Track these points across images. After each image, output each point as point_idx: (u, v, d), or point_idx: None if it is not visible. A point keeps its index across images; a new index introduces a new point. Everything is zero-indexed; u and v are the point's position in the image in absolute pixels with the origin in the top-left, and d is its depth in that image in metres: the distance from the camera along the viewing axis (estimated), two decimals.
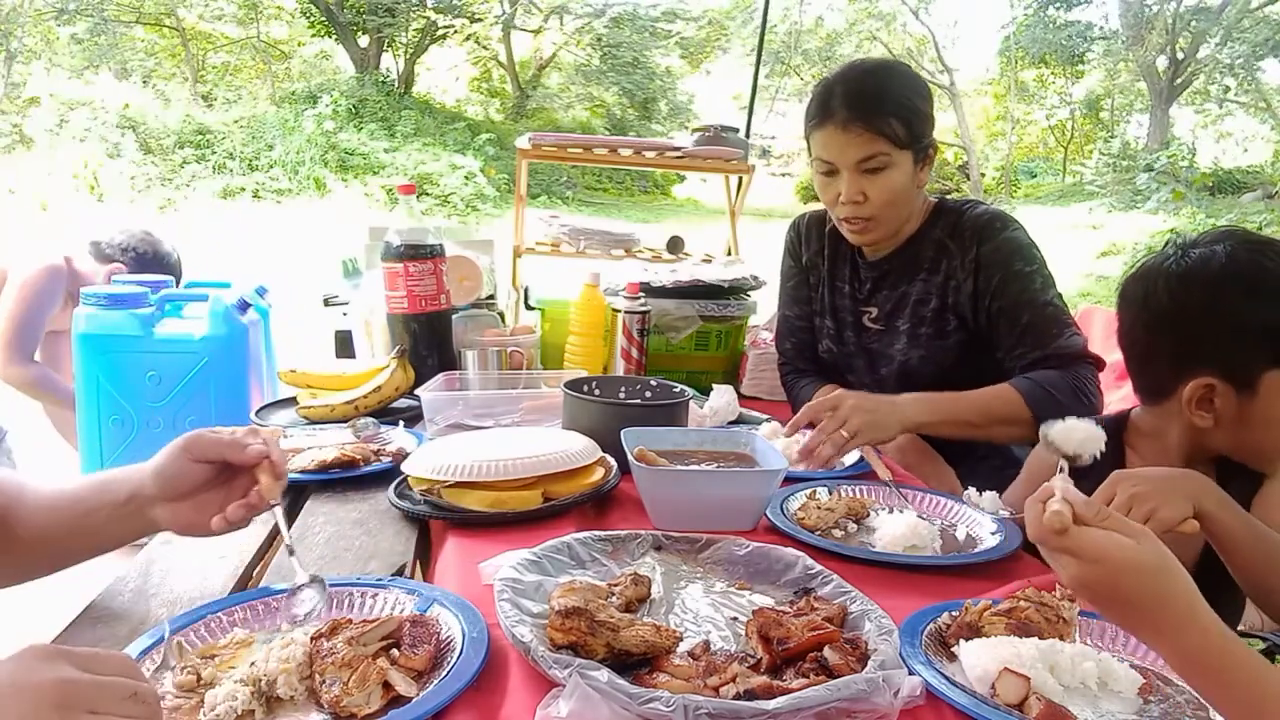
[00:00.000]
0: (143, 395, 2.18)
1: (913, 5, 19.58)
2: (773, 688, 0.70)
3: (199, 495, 0.89)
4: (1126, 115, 19.96)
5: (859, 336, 1.72)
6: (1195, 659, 0.68)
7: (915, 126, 1.48)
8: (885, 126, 1.45)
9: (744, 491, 1.13)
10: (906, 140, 1.47)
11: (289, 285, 3.88)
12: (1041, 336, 1.47)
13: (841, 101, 1.48)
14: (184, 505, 0.89)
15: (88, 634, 0.84)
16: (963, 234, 1.55)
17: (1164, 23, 16.47)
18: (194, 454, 0.88)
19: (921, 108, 1.50)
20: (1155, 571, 0.68)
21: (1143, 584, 0.68)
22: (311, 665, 0.73)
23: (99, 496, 0.89)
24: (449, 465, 1.12)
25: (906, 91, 1.49)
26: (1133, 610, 0.70)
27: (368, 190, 12.54)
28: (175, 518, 0.89)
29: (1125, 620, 0.72)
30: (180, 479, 0.88)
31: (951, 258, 1.56)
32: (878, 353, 1.68)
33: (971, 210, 1.59)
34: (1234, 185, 14.07)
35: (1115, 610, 0.72)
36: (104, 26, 15.33)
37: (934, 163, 1.57)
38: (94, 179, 10.86)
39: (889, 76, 1.51)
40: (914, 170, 1.52)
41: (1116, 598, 0.70)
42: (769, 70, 19.11)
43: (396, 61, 17.61)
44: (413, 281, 1.75)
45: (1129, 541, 0.68)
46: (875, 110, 1.46)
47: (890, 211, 1.54)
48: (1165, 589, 0.68)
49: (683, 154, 2.50)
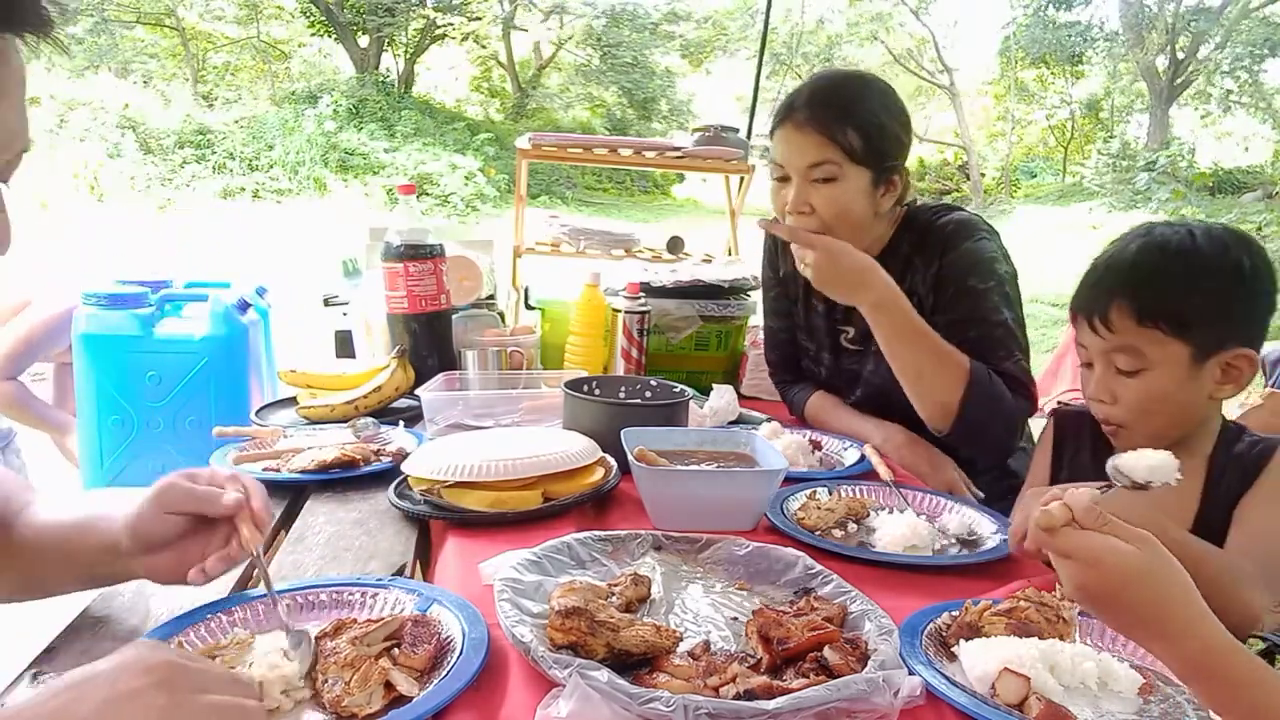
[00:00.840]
0: (143, 395, 2.18)
1: (913, 5, 19.58)
2: (773, 688, 0.70)
3: (177, 545, 0.84)
4: (1126, 115, 19.95)
5: (836, 358, 1.67)
6: (1197, 665, 0.68)
7: (877, 143, 1.41)
8: (840, 135, 1.39)
9: (744, 491, 1.13)
10: (863, 155, 1.41)
11: (289, 285, 3.89)
12: (983, 356, 1.39)
13: (804, 102, 1.43)
14: (162, 557, 0.84)
15: (88, 634, 0.84)
16: (927, 246, 1.49)
17: (1164, 23, 16.47)
18: (166, 506, 0.83)
19: (889, 127, 1.43)
20: (1155, 578, 0.68)
21: (1142, 590, 0.68)
22: (314, 664, 0.73)
23: (82, 538, 0.86)
24: (449, 465, 1.12)
25: (876, 107, 1.43)
26: (1132, 616, 0.69)
27: (368, 190, 12.55)
28: (154, 570, 0.85)
29: (1126, 626, 0.71)
30: (154, 533, 0.83)
31: (915, 271, 1.50)
32: (854, 375, 1.63)
33: (939, 219, 1.52)
34: (1234, 185, 14.07)
35: (1115, 616, 0.71)
36: (104, 26, 15.33)
37: (899, 192, 1.49)
38: (94, 179, 10.86)
39: (863, 87, 1.46)
40: (871, 191, 1.45)
41: (1116, 603, 0.69)
42: (769, 71, 19.12)
43: (396, 61, 17.62)
44: (413, 281, 1.75)
45: (1128, 547, 0.68)
46: (834, 117, 1.40)
47: (838, 226, 1.44)
48: (1165, 595, 0.68)
49: (683, 154, 2.50)
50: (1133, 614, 0.69)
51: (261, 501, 0.86)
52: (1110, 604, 0.70)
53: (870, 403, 1.59)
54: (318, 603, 0.87)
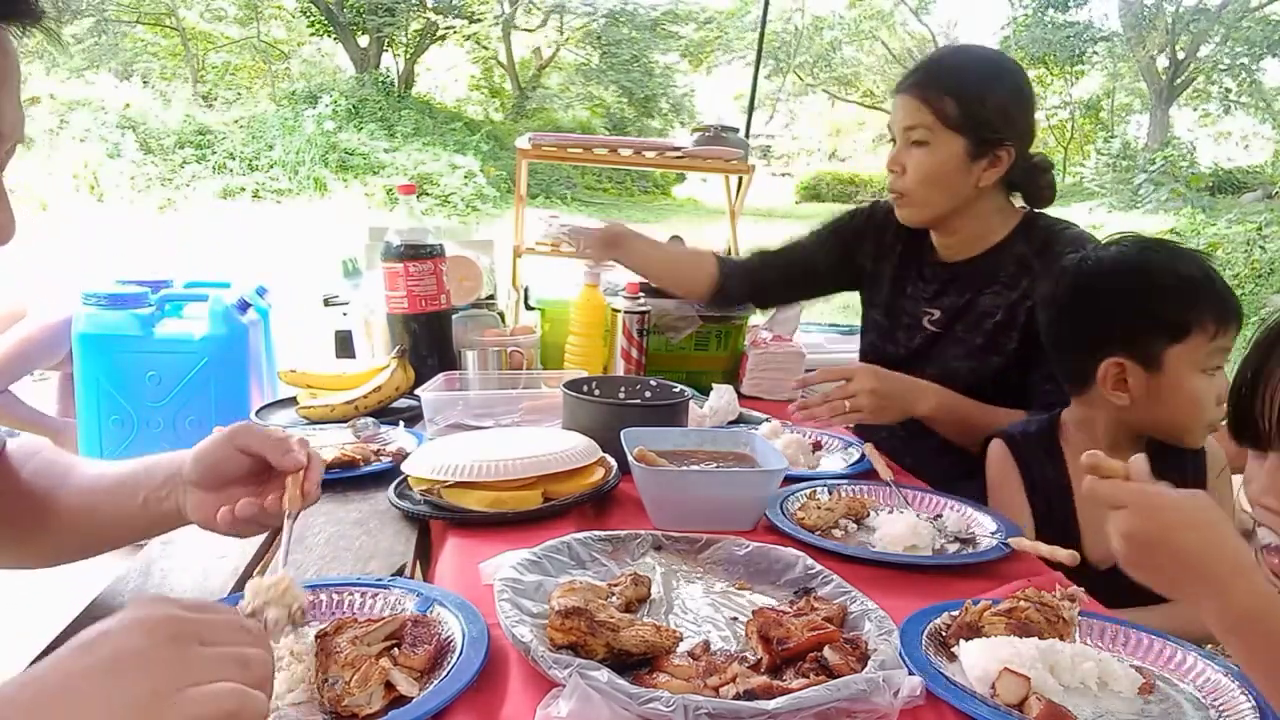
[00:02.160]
0: (143, 395, 2.18)
1: (913, 5, 19.58)
2: (773, 688, 0.70)
3: (230, 489, 0.86)
4: (1126, 115, 19.96)
5: (911, 338, 1.65)
6: (1241, 614, 0.69)
7: (975, 113, 1.43)
8: (936, 100, 1.44)
9: (744, 491, 1.13)
10: (957, 122, 1.44)
11: (289, 285, 3.89)
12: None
13: (913, 69, 1.51)
14: (212, 497, 0.86)
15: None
16: (1052, 256, 1.45)
17: (1164, 23, 16.46)
18: (238, 443, 0.85)
19: (993, 100, 1.45)
20: (1204, 524, 0.71)
21: (1189, 534, 0.71)
22: (315, 664, 0.73)
23: (139, 479, 0.88)
24: (449, 465, 1.12)
25: (984, 79, 1.46)
26: (1179, 565, 0.71)
27: (368, 190, 12.54)
28: (200, 508, 0.86)
29: (1172, 577, 0.73)
30: (219, 466, 0.86)
31: (1034, 276, 1.48)
32: (925, 355, 1.62)
33: (1063, 233, 1.52)
34: (1234, 185, 14.07)
35: (1162, 565, 0.73)
36: (104, 26, 15.32)
37: (1003, 168, 1.48)
38: (94, 179, 10.85)
39: (975, 60, 1.51)
40: (965, 160, 1.46)
41: (1165, 549, 0.71)
42: (769, 71, 19.11)
43: (396, 61, 17.62)
44: (413, 281, 1.75)
45: (1179, 493, 0.71)
46: (933, 81, 1.46)
47: (925, 192, 1.49)
48: (1214, 541, 0.70)
49: (683, 154, 2.49)
50: (1180, 561, 0.71)
51: (317, 474, 0.87)
52: (1158, 550, 0.72)
53: None
54: (318, 603, 0.87)
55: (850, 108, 22.88)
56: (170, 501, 0.88)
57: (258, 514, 0.85)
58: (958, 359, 1.56)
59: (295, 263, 7.28)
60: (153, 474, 0.89)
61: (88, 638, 0.52)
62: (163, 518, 0.89)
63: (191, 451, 0.87)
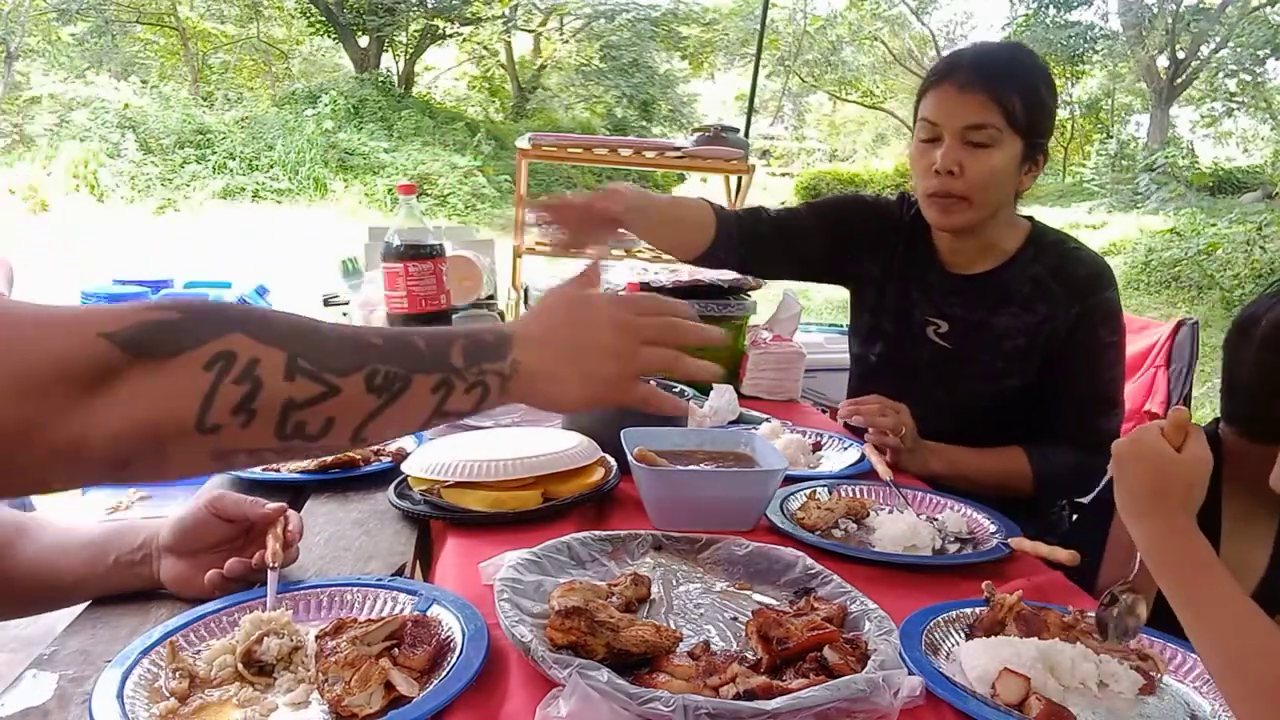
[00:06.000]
0: None
1: (913, 5, 19.59)
2: (773, 688, 0.70)
3: (207, 555, 0.90)
4: (1126, 115, 19.95)
5: (919, 349, 1.58)
6: (1166, 549, 0.79)
7: (1034, 115, 1.38)
8: (1006, 98, 1.35)
9: (744, 491, 1.13)
10: (1023, 124, 1.36)
11: (289, 285, 3.88)
12: (1084, 413, 1.44)
13: (968, 62, 1.39)
14: (186, 563, 0.89)
15: (87, 634, 0.84)
16: (1069, 280, 1.45)
17: (1164, 23, 16.46)
18: (215, 509, 0.90)
19: (1047, 101, 1.41)
20: (1169, 463, 0.80)
21: (1150, 467, 0.81)
22: (315, 663, 0.73)
23: (110, 541, 0.90)
24: (449, 465, 1.12)
25: (1038, 79, 1.41)
26: (1137, 490, 0.82)
27: (368, 190, 12.54)
28: (176, 573, 0.89)
29: (1129, 501, 0.83)
30: (197, 531, 0.89)
31: (1054, 302, 1.45)
32: (938, 372, 1.56)
33: (1076, 253, 1.49)
34: (1234, 185, 14.06)
35: (1127, 488, 0.83)
36: (104, 26, 15.32)
37: (1039, 173, 1.45)
38: (94, 179, 10.85)
39: (1027, 57, 1.44)
40: (1018, 165, 1.41)
41: (1134, 472, 0.82)
42: (769, 71, 19.11)
43: (396, 61, 17.61)
44: (413, 281, 1.75)
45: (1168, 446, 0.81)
46: (1001, 77, 1.36)
47: (984, 197, 1.40)
48: (1185, 482, 0.80)
49: (683, 154, 2.50)
50: (1139, 488, 0.82)
51: (296, 528, 0.93)
52: (1128, 472, 0.82)
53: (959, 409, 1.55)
54: (318, 603, 0.87)
55: (851, 108, 22.86)
56: (145, 566, 0.90)
57: (246, 572, 0.88)
58: (974, 379, 1.52)
59: (295, 263, 7.28)
60: (125, 538, 0.91)
61: (574, 318, 0.79)
62: (134, 578, 0.91)
63: (169, 520, 0.90)
